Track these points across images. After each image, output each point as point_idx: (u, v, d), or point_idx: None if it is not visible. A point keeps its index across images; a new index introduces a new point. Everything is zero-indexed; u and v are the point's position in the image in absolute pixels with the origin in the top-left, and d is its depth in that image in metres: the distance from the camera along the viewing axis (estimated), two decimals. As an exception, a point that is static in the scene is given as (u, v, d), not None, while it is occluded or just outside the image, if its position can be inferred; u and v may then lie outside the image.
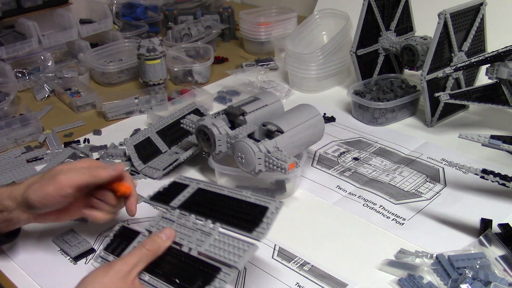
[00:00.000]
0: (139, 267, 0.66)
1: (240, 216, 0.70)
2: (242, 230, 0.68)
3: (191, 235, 0.71)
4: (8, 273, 0.81)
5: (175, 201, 0.78)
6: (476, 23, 1.16)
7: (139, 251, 0.66)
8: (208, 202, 0.76)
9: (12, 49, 1.44)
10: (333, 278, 0.77)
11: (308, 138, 0.98)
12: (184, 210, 0.75)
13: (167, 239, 0.69)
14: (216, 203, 0.75)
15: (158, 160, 1.06)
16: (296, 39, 1.44)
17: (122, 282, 0.63)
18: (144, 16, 1.81)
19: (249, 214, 0.70)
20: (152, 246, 0.68)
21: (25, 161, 1.11)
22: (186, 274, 0.67)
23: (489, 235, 0.80)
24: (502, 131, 1.14)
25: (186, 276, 0.67)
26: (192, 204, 0.76)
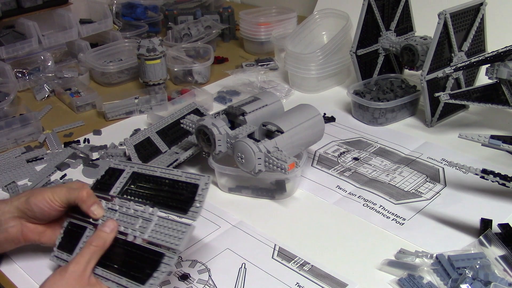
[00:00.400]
0: (91, 264, 0.69)
1: (174, 197, 0.72)
2: (177, 211, 0.71)
3: (133, 223, 0.73)
4: (8, 273, 0.81)
5: (114, 188, 0.78)
6: (476, 23, 1.16)
7: (87, 249, 0.69)
8: (144, 185, 0.76)
9: (12, 49, 1.44)
10: (333, 278, 0.77)
11: (308, 138, 0.98)
12: (123, 197, 0.76)
13: (111, 232, 0.71)
14: (151, 185, 0.76)
15: (158, 160, 1.06)
16: (296, 39, 1.44)
17: (79, 282, 0.67)
18: (144, 16, 1.81)
19: (182, 194, 0.72)
20: (98, 241, 0.70)
21: (25, 161, 1.11)
22: (135, 262, 0.70)
23: (489, 235, 0.80)
24: (502, 131, 1.14)
25: (135, 265, 0.69)
26: (129, 189, 0.77)
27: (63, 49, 1.58)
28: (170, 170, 0.76)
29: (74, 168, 1.09)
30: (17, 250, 0.84)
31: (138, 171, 0.79)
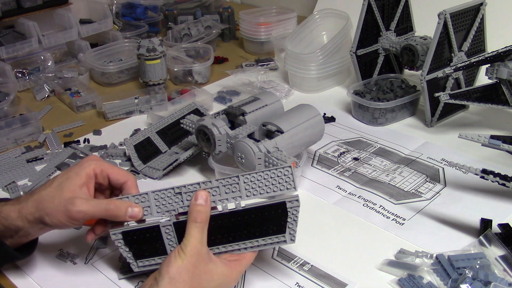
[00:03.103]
0: (204, 240, 0.68)
1: (264, 223, 0.70)
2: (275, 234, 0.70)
3: (219, 193, 0.70)
4: (8, 273, 0.81)
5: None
6: (476, 23, 1.16)
7: (194, 228, 0.67)
8: (225, 226, 0.71)
9: (12, 49, 1.44)
10: (333, 278, 0.77)
11: (308, 138, 0.98)
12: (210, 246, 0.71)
13: (206, 202, 0.69)
14: (232, 224, 0.71)
15: (158, 160, 1.06)
16: (296, 39, 1.44)
17: (201, 261, 0.66)
18: (144, 16, 1.81)
19: (271, 220, 0.70)
20: (201, 216, 0.68)
21: (25, 161, 1.11)
22: (256, 223, 0.69)
23: (489, 235, 0.80)
24: (502, 131, 1.14)
25: (258, 225, 0.69)
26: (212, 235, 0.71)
27: (63, 49, 1.58)
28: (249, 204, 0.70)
29: (74, 168, 1.09)
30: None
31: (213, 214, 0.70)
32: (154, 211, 0.72)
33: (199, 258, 0.66)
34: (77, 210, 0.69)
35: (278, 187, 0.70)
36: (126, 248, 0.72)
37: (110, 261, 0.82)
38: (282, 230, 0.70)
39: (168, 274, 0.65)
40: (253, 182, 0.70)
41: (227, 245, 0.70)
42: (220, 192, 0.71)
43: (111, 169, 0.75)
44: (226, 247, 0.71)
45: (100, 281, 0.79)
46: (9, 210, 0.72)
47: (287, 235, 0.70)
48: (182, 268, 0.65)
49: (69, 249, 0.85)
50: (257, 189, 0.70)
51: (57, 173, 1.07)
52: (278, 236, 0.70)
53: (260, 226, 0.70)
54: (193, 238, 0.67)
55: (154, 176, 1.03)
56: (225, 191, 0.71)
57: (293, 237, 0.70)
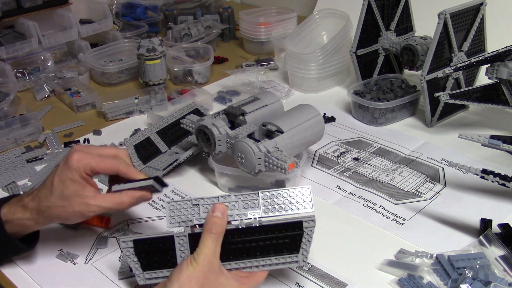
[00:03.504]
0: (218, 252, 0.67)
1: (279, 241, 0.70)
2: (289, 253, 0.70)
3: (237, 207, 0.70)
4: (8, 273, 0.81)
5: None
6: (476, 23, 1.16)
7: (209, 238, 0.67)
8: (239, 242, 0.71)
9: (12, 49, 1.44)
10: (333, 278, 0.77)
11: (308, 138, 0.98)
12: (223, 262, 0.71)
13: (222, 215, 0.69)
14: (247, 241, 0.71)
15: (158, 160, 1.06)
16: (296, 39, 1.44)
17: (212, 272, 0.66)
18: (144, 16, 1.81)
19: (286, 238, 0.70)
20: (217, 228, 0.68)
21: (25, 161, 1.11)
22: (271, 242, 0.69)
23: (489, 235, 0.80)
24: (502, 131, 1.14)
25: (273, 244, 0.69)
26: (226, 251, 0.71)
27: (63, 49, 1.58)
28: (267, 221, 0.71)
29: (74, 168, 1.09)
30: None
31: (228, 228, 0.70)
32: (169, 221, 0.71)
33: (210, 269, 0.66)
34: (91, 210, 0.73)
35: (296, 206, 0.70)
36: (135, 258, 0.71)
37: (110, 261, 0.82)
38: (295, 249, 0.70)
39: (178, 281, 0.64)
40: (272, 200, 0.71)
41: (239, 261, 0.70)
42: (238, 207, 0.71)
43: (99, 165, 0.74)
44: (239, 264, 0.70)
45: (100, 281, 0.79)
46: (15, 209, 0.75)
47: (300, 255, 0.70)
48: (192, 277, 0.64)
49: (69, 249, 0.85)
50: (276, 206, 0.70)
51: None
52: (291, 256, 0.70)
53: (275, 244, 0.70)
54: (207, 248, 0.66)
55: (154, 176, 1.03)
56: (243, 206, 0.71)
57: (305, 258, 0.70)
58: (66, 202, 0.72)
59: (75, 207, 0.72)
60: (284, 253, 0.70)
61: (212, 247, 0.67)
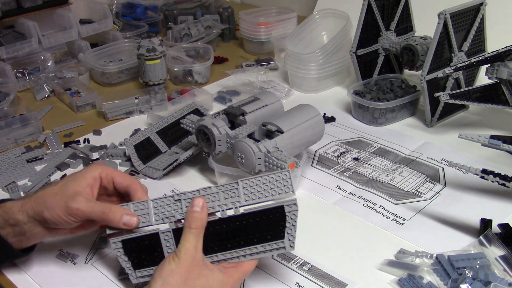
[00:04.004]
0: (199, 246, 0.68)
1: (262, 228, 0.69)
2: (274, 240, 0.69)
3: (218, 199, 0.70)
4: (8, 273, 0.81)
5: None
6: (476, 23, 1.16)
7: (189, 234, 0.67)
8: (223, 233, 0.71)
9: (12, 49, 1.44)
10: (333, 278, 0.77)
11: (308, 138, 0.98)
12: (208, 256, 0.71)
13: (202, 209, 0.69)
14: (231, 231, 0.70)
15: (158, 160, 1.06)
16: (296, 39, 1.44)
17: (195, 266, 0.66)
18: (144, 16, 1.81)
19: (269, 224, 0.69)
20: (196, 223, 0.68)
21: (25, 161, 1.11)
22: (256, 229, 0.68)
23: (489, 235, 0.80)
24: (502, 131, 1.14)
25: (255, 231, 0.68)
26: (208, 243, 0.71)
27: (63, 49, 1.58)
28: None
29: (74, 168, 1.09)
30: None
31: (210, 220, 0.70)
32: (153, 218, 0.72)
33: (193, 263, 0.66)
34: (76, 207, 0.70)
35: (277, 191, 0.69)
36: (126, 258, 0.73)
37: (110, 261, 0.82)
38: (280, 235, 0.69)
39: (160, 277, 0.65)
40: (252, 187, 0.70)
41: (225, 252, 0.70)
42: (219, 198, 0.70)
43: (116, 172, 0.77)
44: (225, 255, 0.70)
45: (100, 281, 0.79)
46: (13, 204, 0.74)
47: (286, 241, 0.69)
48: (175, 272, 0.65)
49: (69, 249, 0.85)
50: (256, 193, 0.70)
51: (57, 173, 1.07)
52: (277, 242, 0.69)
53: (259, 232, 0.69)
54: (188, 243, 0.67)
55: (154, 176, 1.03)
56: (224, 196, 0.70)
57: (292, 244, 0.69)
58: (62, 189, 0.72)
59: (63, 197, 0.71)
60: (269, 240, 0.69)
61: (193, 241, 0.67)
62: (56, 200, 0.71)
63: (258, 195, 0.70)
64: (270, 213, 0.69)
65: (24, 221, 0.73)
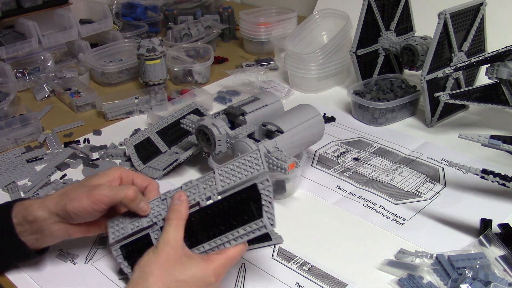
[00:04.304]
0: (179, 236, 0.68)
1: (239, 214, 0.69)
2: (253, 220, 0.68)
3: (198, 190, 0.72)
4: (8, 273, 0.81)
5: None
6: (476, 23, 1.16)
7: (168, 225, 0.69)
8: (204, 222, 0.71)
9: (12, 49, 1.44)
10: (333, 278, 0.77)
11: (308, 138, 0.98)
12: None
13: (182, 201, 0.71)
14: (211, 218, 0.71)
15: (158, 160, 1.06)
16: (296, 39, 1.44)
17: (174, 256, 0.66)
18: (144, 16, 1.81)
19: (245, 205, 0.69)
20: (175, 214, 0.70)
21: (25, 161, 1.11)
22: (231, 213, 0.69)
23: (489, 235, 0.80)
24: (502, 131, 1.14)
25: (234, 214, 0.68)
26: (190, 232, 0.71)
27: (63, 49, 1.58)
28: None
29: (74, 168, 1.09)
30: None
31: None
32: (145, 221, 0.74)
33: (170, 252, 0.66)
34: (99, 192, 0.72)
35: (249, 171, 0.70)
36: (126, 263, 0.75)
37: (110, 261, 0.82)
38: (259, 215, 0.67)
39: (139, 267, 0.66)
40: (227, 173, 0.71)
41: (210, 241, 0.70)
42: (199, 190, 0.72)
43: (136, 174, 0.79)
44: (210, 244, 0.70)
45: (100, 281, 0.79)
46: (33, 201, 0.75)
47: (265, 219, 0.67)
48: (152, 261, 0.66)
49: (69, 249, 0.85)
50: (231, 178, 0.71)
51: (57, 173, 1.07)
52: (256, 222, 0.67)
53: (237, 215, 0.69)
54: (166, 234, 0.68)
55: (154, 176, 1.03)
56: (203, 187, 0.72)
57: (272, 221, 0.67)
58: (83, 183, 0.75)
59: (85, 188, 0.73)
60: (249, 221, 0.68)
61: (172, 232, 0.68)
62: (79, 191, 0.73)
63: (233, 179, 0.70)
64: (244, 193, 0.69)
65: (44, 217, 0.73)
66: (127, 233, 0.74)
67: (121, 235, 0.75)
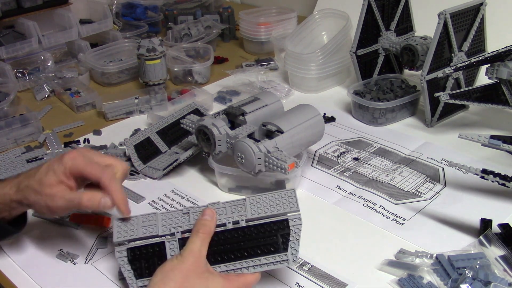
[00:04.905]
0: (204, 251, 0.69)
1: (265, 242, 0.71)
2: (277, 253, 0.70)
3: (226, 213, 0.72)
4: (8, 273, 0.81)
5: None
6: (476, 23, 1.16)
7: (196, 237, 0.69)
8: (228, 243, 0.72)
9: (12, 49, 1.44)
10: (333, 278, 0.77)
11: (308, 138, 0.98)
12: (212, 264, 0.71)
13: (211, 219, 0.71)
14: (235, 241, 0.72)
15: (158, 160, 1.06)
16: (296, 39, 1.44)
17: (197, 268, 0.67)
18: (144, 16, 1.81)
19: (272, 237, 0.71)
20: (205, 229, 0.70)
21: (25, 161, 1.10)
22: (259, 240, 0.70)
23: (489, 235, 0.80)
24: (502, 131, 1.14)
25: (260, 242, 0.70)
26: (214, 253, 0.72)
27: (63, 49, 1.58)
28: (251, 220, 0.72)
29: (74, 168, 1.09)
30: (17, 250, 0.84)
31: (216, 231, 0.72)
32: (160, 229, 0.73)
33: (195, 263, 0.67)
34: (56, 206, 0.73)
35: (282, 207, 0.72)
36: (129, 267, 0.72)
37: (110, 261, 0.82)
38: (284, 249, 0.70)
39: (161, 272, 0.66)
40: (258, 203, 0.72)
41: (229, 263, 0.70)
42: (226, 212, 0.72)
43: (86, 168, 0.74)
44: (228, 266, 0.70)
45: (100, 281, 0.79)
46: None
47: (290, 254, 0.70)
48: (176, 268, 0.66)
49: (69, 249, 0.85)
50: (262, 208, 0.72)
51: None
52: (281, 255, 0.70)
53: (263, 244, 0.70)
54: (193, 244, 0.68)
55: (154, 176, 1.03)
56: (231, 211, 0.72)
57: (295, 258, 0.70)
58: (39, 187, 0.73)
59: (43, 196, 0.73)
60: (273, 253, 0.70)
61: (198, 244, 0.68)
62: (37, 198, 0.73)
63: (264, 210, 0.72)
64: (274, 225, 0.71)
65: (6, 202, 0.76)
66: (137, 236, 0.73)
67: (129, 237, 0.73)
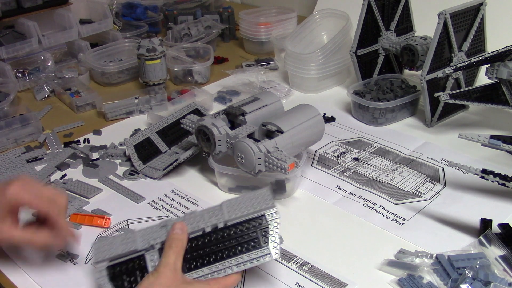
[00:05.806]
0: (178, 264, 0.69)
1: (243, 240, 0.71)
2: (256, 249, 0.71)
3: (203, 219, 0.73)
4: (8, 273, 0.81)
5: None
6: (476, 23, 1.16)
7: (170, 251, 0.69)
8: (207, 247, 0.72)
9: (12, 49, 1.44)
10: (333, 278, 0.77)
11: (308, 138, 0.98)
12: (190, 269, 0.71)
13: (182, 232, 0.71)
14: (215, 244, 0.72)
15: (158, 160, 1.06)
16: (296, 39, 1.44)
17: (174, 280, 0.67)
18: (144, 16, 1.81)
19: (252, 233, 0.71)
20: (177, 243, 0.70)
21: (25, 161, 1.11)
22: (238, 239, 0.71)
23: (489, 235, 0.80)
24: (502, 131, 1.14)
25: (240, 241, 0.71)
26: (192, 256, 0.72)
27: (63, 49, 1.58)
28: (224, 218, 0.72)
29: (74, 168, 1.09)
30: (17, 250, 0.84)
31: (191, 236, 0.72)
32: (139, 245, 0.72)
33: (172, 276, 0.67)
34: (11, 241, 0.75)
35: (258, 205, 0.72)
36: (110, 285, 0.71)
37: (110, 261, 0.82)
38: (265, 242, 0.71)
39: None
40: (234, 205, 0.73)
41: (212, 265, 0.70)
42: (204, 219, 0.73)
43: (32, 203, 0.75)
44: (211, 268, 0.70)
45: (100, 281, 0.79)
46: None
47: (271, 248, 0.70)
48: (154, 283, 0.66)
49: (69, 249, 0.85)
50: (239, 209, 0.73)
51: (57, 173, 1.07)
52: (262, 249, 0.70)
53: (243, 241, 0.71)
54: (168, 258, 0.68)
55: (154, 176, 1.03)
56: (209, 217, 0.73)
57: (277, 251, 0.70)
58: None
59: None
60: (255, 249, 0.70)
61: (173, 257, 0.68)
62: None
63: (241, 210, 0.72)
64: (253, 222, 0.71)
65: None
66: (117, 254, 0.72)
67: (109, 255, 0.72)
